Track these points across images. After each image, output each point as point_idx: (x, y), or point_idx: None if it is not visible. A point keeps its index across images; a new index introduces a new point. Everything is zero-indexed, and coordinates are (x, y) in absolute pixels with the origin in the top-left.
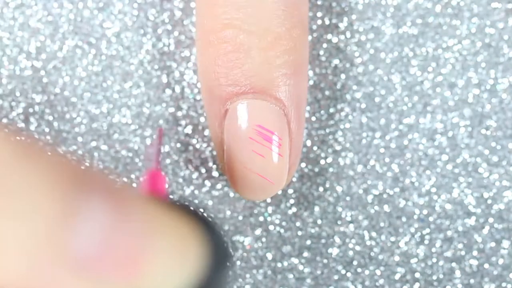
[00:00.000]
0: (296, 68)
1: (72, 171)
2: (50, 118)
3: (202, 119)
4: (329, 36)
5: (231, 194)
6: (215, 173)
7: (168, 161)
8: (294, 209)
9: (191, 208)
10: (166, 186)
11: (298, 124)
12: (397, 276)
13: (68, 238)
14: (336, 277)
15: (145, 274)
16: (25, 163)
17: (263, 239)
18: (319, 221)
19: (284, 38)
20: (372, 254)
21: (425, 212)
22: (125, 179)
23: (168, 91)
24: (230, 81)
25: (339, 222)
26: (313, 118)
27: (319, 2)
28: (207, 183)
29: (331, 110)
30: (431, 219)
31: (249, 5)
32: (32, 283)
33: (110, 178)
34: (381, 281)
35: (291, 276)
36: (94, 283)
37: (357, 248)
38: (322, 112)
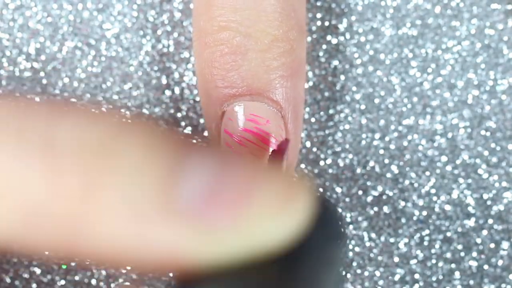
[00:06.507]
0: (293, 70)
1: (172, 138)
2: None
3: (201, 121)
4: (328, 37)
5: None
6: None
7: None
8: None
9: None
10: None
11: (295, 125)
12: (396, 277)
13: (175, 192)
14: None
15: (248, 218)
16: (131, 134)
17: None
18: None
19: (281, 40)
20: (371, 255)
21: (424, 213)
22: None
23: (168, 93)
24: (227, 83)
25: None
26: (313, 119)
27: (318, 3)
28: None
29: (331, 111)
30: (430, 220)
31: (246, 7)
32: (137, 234)
33: (204, 141)
34: (381, 282)
35: None
36: (199, 233)
37: (357, 249)
38: (322, 113)
